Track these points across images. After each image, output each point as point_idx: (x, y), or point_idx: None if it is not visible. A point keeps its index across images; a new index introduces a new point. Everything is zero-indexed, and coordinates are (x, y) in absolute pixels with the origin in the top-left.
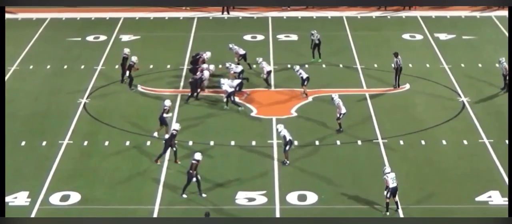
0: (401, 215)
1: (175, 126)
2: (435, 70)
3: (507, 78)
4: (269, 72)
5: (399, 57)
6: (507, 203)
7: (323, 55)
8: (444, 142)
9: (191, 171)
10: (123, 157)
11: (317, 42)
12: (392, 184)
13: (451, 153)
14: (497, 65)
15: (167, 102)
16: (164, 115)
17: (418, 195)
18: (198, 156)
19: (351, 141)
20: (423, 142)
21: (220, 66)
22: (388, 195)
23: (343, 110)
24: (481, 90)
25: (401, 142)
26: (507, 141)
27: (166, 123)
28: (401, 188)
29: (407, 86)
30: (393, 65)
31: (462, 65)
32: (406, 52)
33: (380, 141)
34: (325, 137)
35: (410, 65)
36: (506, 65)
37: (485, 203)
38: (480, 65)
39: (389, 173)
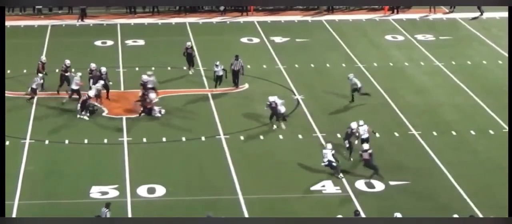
0: (243, 206)
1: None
2: (271, 70)
3: (357, 92)
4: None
5: (239, 59)
6: (339, 191)
7: (171, 60)
8: (280, 136)
9: None
10: None
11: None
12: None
13: (287, 146)
14: (348, 80)
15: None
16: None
17: (258, 185)
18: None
19: (196, 137)
20: (261, 137)
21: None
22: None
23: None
24: (313, 89)
25: (242, 137)
26: (338, 135)
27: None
28: (242, 180)
29: (246, 85)
30: (232, 67)
31: (296, 65)
32: (245, 55)
33: (222, 137)
34: (171, 134)
35: (249, 66)
36: (355, 81)
37: (319, 192)
38: (312, 65)
39: (361, 126)
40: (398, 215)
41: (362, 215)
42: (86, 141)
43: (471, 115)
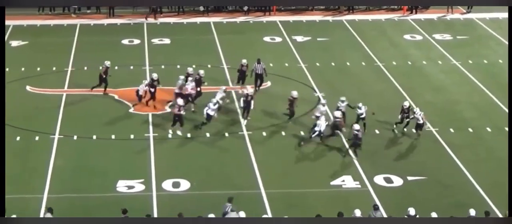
0: (265, 200)
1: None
2: (293, 69)
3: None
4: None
5: (261, 63)
6: (359, 186)
7: (194, 58)
8: (302, 133)
9: None
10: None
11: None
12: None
13: (309, 142)
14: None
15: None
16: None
17: (280, 180)
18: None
19: (219, 133)
20: (283, 133)
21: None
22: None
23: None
24: (334, 86)
25: (264, 134)
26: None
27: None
28: (264, 175)
29: (269, 83)
30: (254, 70)
31: (317, 64)
32: (267, 53)
33: (245, 133)
34: (196, 130)
35: (271, 64)
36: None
37: (339, 187)
38: (333, 64)
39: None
40: (411, 210)
41: (381, 209)
42: (113, 136)
43: (487, 113)
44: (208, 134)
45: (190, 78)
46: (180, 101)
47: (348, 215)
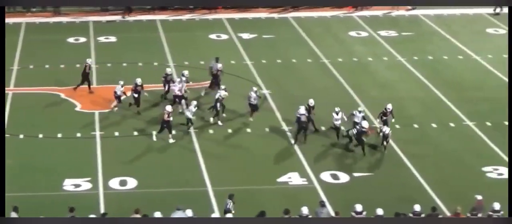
0: (212, 197)
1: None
2: (239, 66)
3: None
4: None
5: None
6: (305, 182)
7: (140, 56)
8: (248, 130)
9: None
10: None
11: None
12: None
13: (255, 140)
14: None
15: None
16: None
17: (227, 178)
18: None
19: (165, 131)
20: (230, 131)
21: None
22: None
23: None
24: (279, 83)
25: (211, 131)
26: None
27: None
28: (211, 173)
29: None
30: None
31: (263, 61)
32: (214, 51)
33: (192, 130)
34: (142, 128)
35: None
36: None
37: (286, 184)
38: (278, 61)
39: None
40: (358, 206)
41: (328, 206)
42: (59, 135)
43: (432, 109)
44: (154, 132)
45: (179, 79)
46: (168, 108)
47: (295, 212)
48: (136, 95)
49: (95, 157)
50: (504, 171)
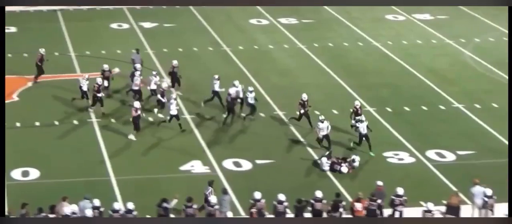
0: (115, 186)
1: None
2: (141, 55)
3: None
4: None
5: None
6: (208, 170)
7: (41, 46)
8: (151, 119)
9: None
10: None
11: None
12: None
13: (158, 129)
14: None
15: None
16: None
17: (130, 167)
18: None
19: (68, 122)
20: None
21: None
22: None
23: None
24: (181, 72)
25: (113, 120)
26: (207, 116)
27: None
28: (114, 162)
29: (117, 70)
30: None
31: (165, 50)
32: (115, 40)
33: (94, 120)
34: (45, 118)
35: (119, 51)
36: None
37: (189, 172)
38: (180, 49)
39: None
40: (257, 194)
41: (230, 193)
42: None
43: (333, 95)
44: (56, 122)
45: (137, 74)
46: (136, 104)
47: (199, 201)
48: (99, 95)
49: None
50: (404, 156)
